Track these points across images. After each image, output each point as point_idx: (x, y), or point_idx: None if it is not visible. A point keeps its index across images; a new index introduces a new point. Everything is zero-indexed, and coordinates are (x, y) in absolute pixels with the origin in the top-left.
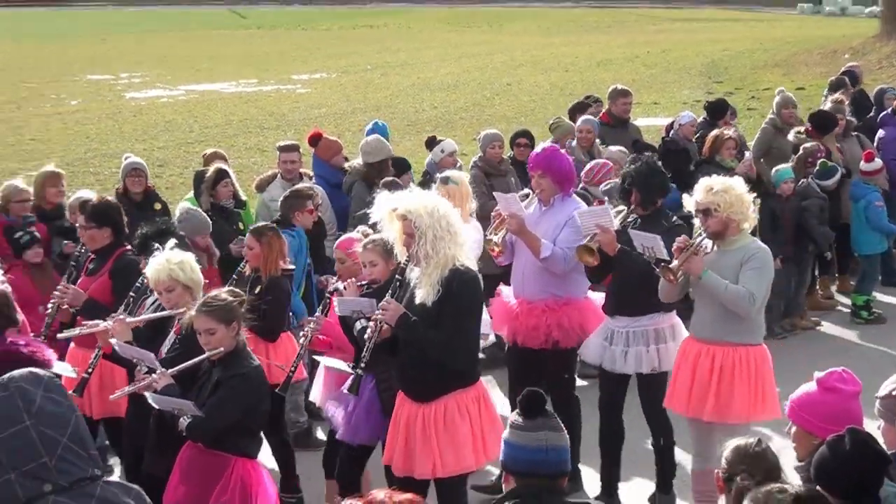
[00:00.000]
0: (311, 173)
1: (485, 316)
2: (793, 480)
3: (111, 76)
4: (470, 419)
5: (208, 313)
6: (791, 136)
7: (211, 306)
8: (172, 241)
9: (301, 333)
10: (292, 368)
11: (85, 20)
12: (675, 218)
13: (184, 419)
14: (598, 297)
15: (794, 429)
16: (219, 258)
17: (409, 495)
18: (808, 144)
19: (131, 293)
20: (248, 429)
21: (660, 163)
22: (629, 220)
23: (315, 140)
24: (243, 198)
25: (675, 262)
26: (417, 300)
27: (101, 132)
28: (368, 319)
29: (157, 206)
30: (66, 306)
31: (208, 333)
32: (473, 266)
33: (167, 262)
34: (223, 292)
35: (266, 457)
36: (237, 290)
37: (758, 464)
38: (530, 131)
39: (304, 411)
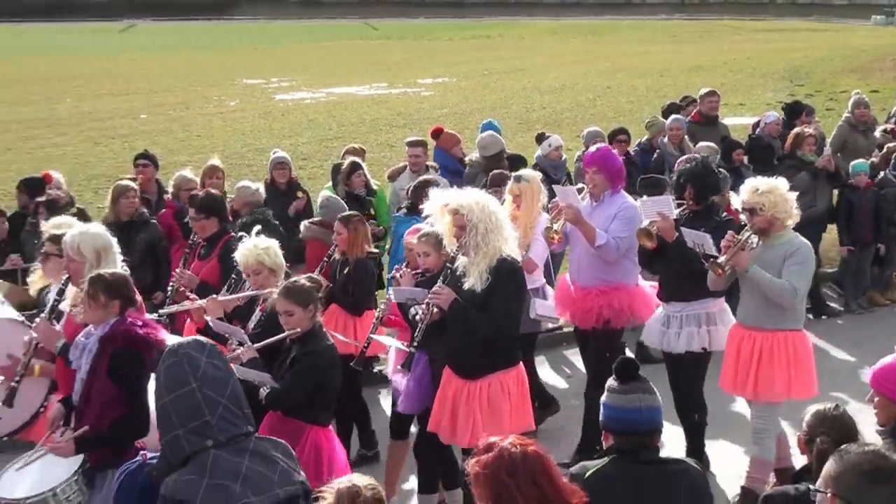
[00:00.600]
0: (436, 165)
1: (550, 301)
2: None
3: (263, 81)
4: (510, 398)
5: (288, 296)
6: (877, 134)
7: (291, 290)
8: (257, 228)
9: (375, 314)
10: (365, 344)
11: (241, 33)
12: (724, 214)
13: (263, 389)
14: (647, 284)
15: (876, 397)
16: None
17: (532, 442)
18: (892, 143)
19: (233, 275)
20: (320, 400)
21: (746, 157)
22: (683, 214)
23: (437, 133)
24: (374, 187)
25: (722, 258)
26: (466, 286)
27: (255, 129)
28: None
29: (300, 194)
30: (182, 288)
31: (287, 314)
32: (518, 257)
33: (255, 247)
34: (302, 278)
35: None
36: (315, 276)
37: (836, 425)
38: (627, 129)
39: None
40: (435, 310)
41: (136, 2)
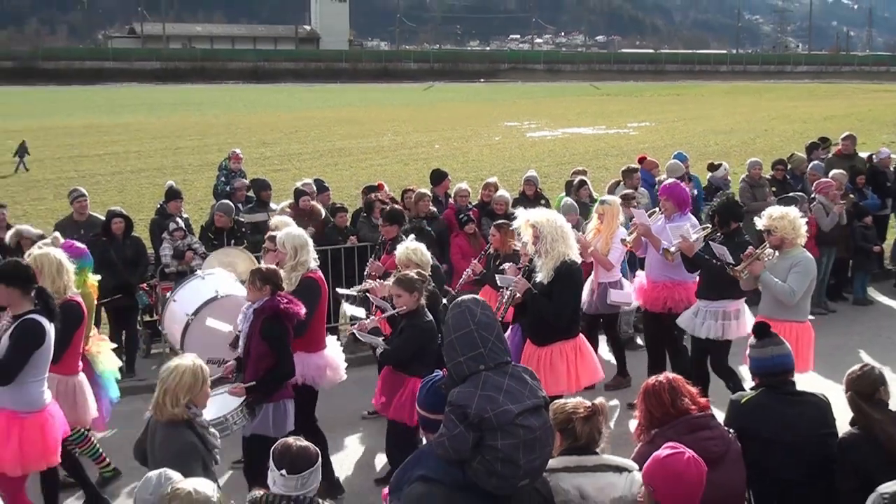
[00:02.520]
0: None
1: (626, 290)
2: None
3: (518, 123)
4: (567, 361)
5: (398, 284)
6: None
7: (400, 280)
8: (412, 236)
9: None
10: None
11: (504, 91)
12: (746, 237)
13: (378, 349)
14: None
15: None
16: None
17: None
18: None
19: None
20: (420, 360)
21: (865, 180)
22: (717, 235)
23: (642, 160)
24: (595, 197)
25: (739, 266)
26: (538, 279)
27: (512, 157)
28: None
29: (542, 201)
30: (374, 273)
31: (397, 296)
32: (577, 259)
33: (407, 248)
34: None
35: None
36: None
37: (860, 382)
38: (785, 160)
39: None
40: (517, 295)
41: (434, 70)
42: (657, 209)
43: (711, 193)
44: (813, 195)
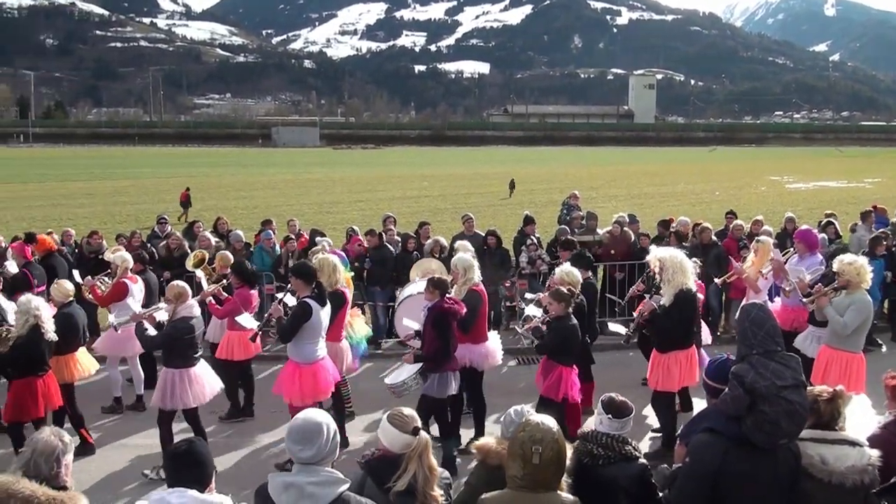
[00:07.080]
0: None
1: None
2: None
3: (779, 177)
4: (680, 366)
5: (551, 295)
6: None
7: (553, 293)
8: (568, 262)
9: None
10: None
11: (769, 154)
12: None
13: (538, 342)
14: None
15: None
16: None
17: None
18: None
19: None
20: (564, 352)
21: None
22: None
23: (875, 208)
24: (840, 233)
25: (807, 299)
26: (661, 302)
27: (773, 203)
28: None
29: (795, 236)
30: (550, 286)
31: (549, 305)
32: (693, 288)
33: (562, 270)
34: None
35: None
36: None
37: None
38: None
39: None
40: (645, 313)
41: (717, 137)
42: (791, 248)
43: None
44: None
